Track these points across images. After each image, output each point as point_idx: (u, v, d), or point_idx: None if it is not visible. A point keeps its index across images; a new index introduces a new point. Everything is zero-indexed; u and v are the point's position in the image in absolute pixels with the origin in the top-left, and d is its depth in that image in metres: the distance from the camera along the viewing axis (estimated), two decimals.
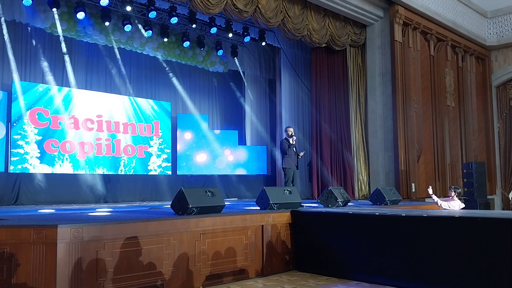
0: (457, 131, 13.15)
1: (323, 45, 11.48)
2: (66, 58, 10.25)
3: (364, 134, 11.74)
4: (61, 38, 9.93)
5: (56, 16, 9.57)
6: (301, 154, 8.73)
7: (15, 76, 9.59)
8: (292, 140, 8.59)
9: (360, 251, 5.12)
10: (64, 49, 10.10)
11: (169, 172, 12.00)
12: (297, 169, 8.75)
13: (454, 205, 7.51)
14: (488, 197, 12.66)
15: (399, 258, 4.78)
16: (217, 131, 13.19)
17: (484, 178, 11.52)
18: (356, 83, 11.89)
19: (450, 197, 7.64)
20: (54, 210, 7.23)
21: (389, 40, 11.37)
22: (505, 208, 14.26)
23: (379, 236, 4.99)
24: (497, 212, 7.40)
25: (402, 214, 4.95)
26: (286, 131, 8.95)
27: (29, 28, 9.77)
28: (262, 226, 5.56)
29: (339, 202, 6.95)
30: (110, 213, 6.00)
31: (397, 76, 11.13)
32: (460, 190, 8.04)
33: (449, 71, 13.02)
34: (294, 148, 8.62)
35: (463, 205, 7.82)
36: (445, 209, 7.39)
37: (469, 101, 13.72)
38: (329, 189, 7.17)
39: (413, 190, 10.99)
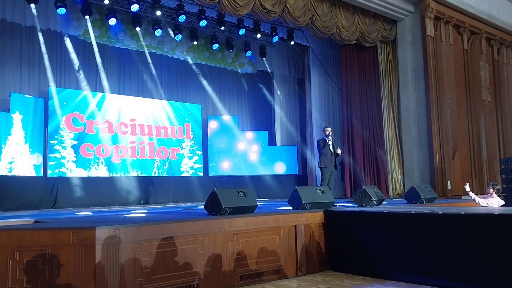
0: (493, 126, 12.74)
1: (353, 42, 11.35)
2: (99, 64, 10.49)
3: (397, 131, 11.54)
4: (94, 44, 10.17)
5: (89, 24, 9.82)
6: (338, 151, 8.63)
7: (51, 83, 9.88)
8: (329, 140, 8.52)
9: (395, 250, 5.03)
10: (97, 55, 10.34)
11: (201, 174, 12.12)
12: (336, 168, 8.67)
13: (493, 202, 7.28)
14: None
15: (435, 257, 4.67)
16: (247, 132, 13.24)
17: None
18: (388, 79, 11.70)
19: (489, 194, 7.41)
20: (91, 213, 7.42)
21: (421, 35, 11.13)
22: None
23: (415, 235, 4.88)
24: None
25: (439, 212, 4.84)
26: (324, 130, 8.89)
27: (63, 36, 10.05)
28: (295, 226, 5.54)
29: (373, 201, 6.85)
30: (145, 215, 6.11)
31: (430, 72, 10.89)
32: (499, 186, 7.79)
33: (484, 64, 12.63)
34: (330, 148, 8.56)
35: (503, 202, 7.56)
36: (483, 206, 7.18)
37: (506, 94, 13.27)
38: (362, 188, 7.07)
39: (449, 187, 10.72)
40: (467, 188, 7.68)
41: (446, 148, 10.88)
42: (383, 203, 7.37)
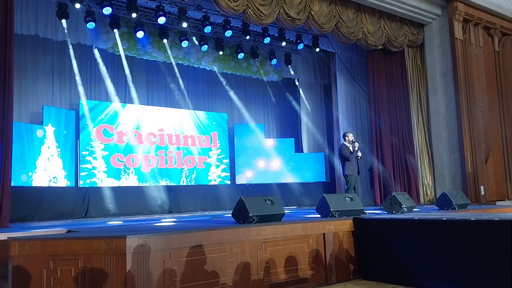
0: None
1: (380, 47, 11.23)
2: (128, 75, 10.71)
3: (427, 136, 11.33)
4: (123, 57, 10.40)
5: (117, 36, 10.05)
6: (359, 154, 8.53)
7: (82, 96, 10.15)
8: (354, 147, 8.40)
9: (427, 258, 4.92)
10: (126, 67, 10.56)
11: (228, 182, 12.18)
12: (359, 174, 8.57)
13: None
14: None
15: (468, 265, 4.54)
16: (274, 140, 13.24)
17: None
18: (416, 84, 11.53)
19: None
20: (121, 222, 7.54)
21: (449, 38, 10.95)
22: None
23: (447, 242, 4.77)
24: None
25: (471, 219, 4.71)
26: (345, 136, 8.75)
27: (93, 49, 10.31)
28: (324, 234, 5.49)
29: (404, 208, 6.73)
30: (174, 223, 6.17)
31: (459, 75, 10.67)
32: None
33: None
34: (356, 154, 8.48)
35: None
36: None
37: None
38: (392, 194, 6.96)
39: (482, 193, 10.44)
40: None
41: (478, 153, 10.61)
42: (413, 210, 7.23)
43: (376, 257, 5.51)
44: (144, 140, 10.91)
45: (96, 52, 10.33)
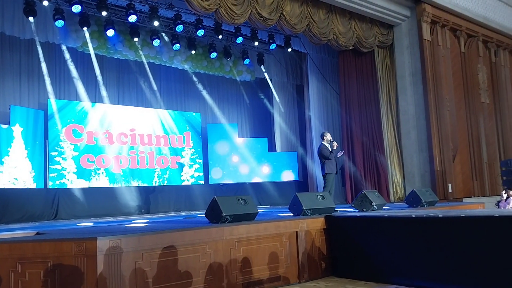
0: (493, 128, 12.76)
1: (350, 48, 11.39)
2: (98, 75, 10.54)
3: (396, 135, 11.57)
4: (93, 56, 10.22)
5: (87, 35, 9.89)
6: (342, 152, 8.68)
7: (51, 95, 9.93)
8: (333, 146, 8.50)
9: (397, 255, 5.03)
10: (96, 66, 10.39)
11: (202, 182, 12.13)
12: (336, 173, 8.67)
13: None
14: None
15: (437, 261, 4.67)
16: (247, 139, 13.26)
17: None
18: (386, 84, 11.75)
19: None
20: (92, 223, 7.43)
21: (418, 39, 11.20)
22: None
23: (417, 239, 4.88)
24: None
25: (440, 216, 4.84)
26: (323, 136, 8.79)
27: (62, 48, 10.10)
28: (296, 232, 5.54)
29: (374, 206, 6.85)
30: (147, 224, 6.11)
31: (428, 75, 10.94)
32: None
33: (482, 67, 12.68)
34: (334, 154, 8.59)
35: None
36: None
37: (505, 96, 13.30)
38: (363, 192, 7.08)
39: (450, 190, 10.72)
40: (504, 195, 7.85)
41: (446, 151, 10.89)
42: (384, 207, 7.37)
43: (347, 254, 5.60)
44: (115, 140, 10.75)
45: (65, 50, 10.12)
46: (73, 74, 10.31)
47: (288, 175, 13.16)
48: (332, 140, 8.59)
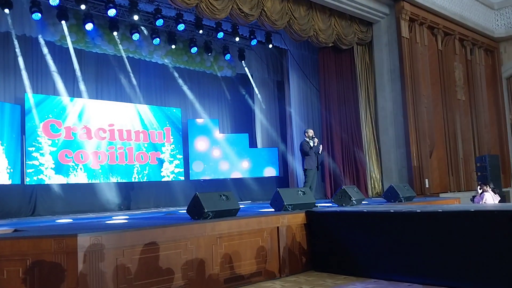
0: (468, 125, 13.06)
1: (330, 45, 11.50)
2: (77, 69, 10.38)
3: (375, 131, 11.73)
4: (71, 49, 10.06)
5: (65, 29, 9.71)
6: (320, 148, 8.81)
7: (28, 89, 9.74)
8: (314, 142, 8.62)
9: (376, 249, 5.13)
10: (74, 61, 10.23)
11: (182, 178, 12.08)
12: (318, 170, 8.79)
13: (488, 198, 7.66)
14: (504, 189, 12.55)
15: (415, 255, 4.78)
16: (228, 135, 13.26)
17: (498, 171, 11.44)
18: (365, 81, 11.89)
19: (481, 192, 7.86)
20: (71, 220, 7.33)
21: (396, 36, 11.36)
22: None
23: (395, 233, 4.99)
24: None
25: (417, 210, 4.95)
26: (306, 132, 8.97)
27: (39, 41, 9.90)
28: (278, 227, 5.59)
29: (353, 201, 6.95)
30: (127, 221, 6.08)
31: (406, 73, 11.11)
32: (492, 183, 8.19)
33: (458, 64, 12.95)
34: (314, 150, 8.69)
35: (498, 198, 7.98)
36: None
37: (480, 94, 13.63)
38: (342, 188, 7.17)
39: (427, 186, 10.95)
40: (485, 188, 8.07)
41: (423, 147, 11.10)
42: (363, 202, 7.49)
43: (327, 249, 5.68)
44: (93, 136, 10.61)
45: (43, 44, 9.92)
46: (51, 68, 10.11)
47: (269, 171, 13.22)
48: (313, 136, 8.71)
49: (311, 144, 8.61)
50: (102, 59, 11.16)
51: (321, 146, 8.97)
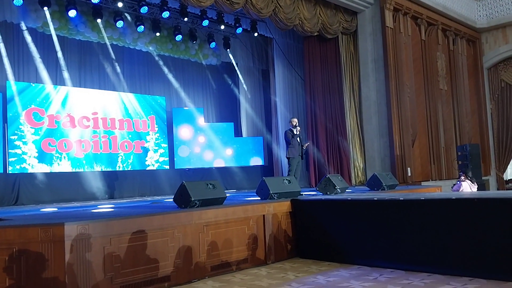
0: (450, 114, 13.28)
1: (315, 34, 11.53)
2: (60, 56, 10.23)
3: (359, 121, 11.85)
4: (54, 36, 9.90)
5: (48, 15, 9.55)
6: (306, 145, 8.88)
7: (10, 77, 9.57)
8: (296, 131, 8.68)
9: (360, 236, 5.24)
10: (57, 48, 10.08)
11: (167, 167, 12.06)
12: (302, 158, 8.86)
13: (465, 187, 7.84)
14: (484, 178, 12.86)
15: (398, 241, 4.90)
16: (213, 124, 13.25)
17: (479, 160, 11.71)
18: (349, 70, 11.97)
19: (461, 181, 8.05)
20: (56, 209, 7.30)
21: (380, 26, 11.44)
22: (500, 188, 14.46)
23: (378, 221, 5.10)
24: (492, 192, 7.57)
25: (400, 198, 5.07)
26: (290, 121, 9.06)
27: (21, 28, 9.72)
28: (264, 215, 5.66)
29: (338, 189, 7.06)
30: (113, 209, 6.08)
31: (389, 62, 11.22)
32: (469, 172, 8.36)
33: (441, 54, 13.12)
34: (298, 138, 8.73)
35: (476, 186, 8.14)
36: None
37: (461, 83, 13.84)
38: (327, 176, 7.27)
39: (409, 174, 11.14)
40: (463, 177, 8.24)
41: (405, 136, 11.27)
42: (346, 191, 7.60)
43: (312, 236, 5.78)
44: (77, 124, 10.51)
45: (25, 31, 9.74)
46: (34, 56, 9.95)
47: (254, 160, 13.28)
48: (296, 125, 8.78)
49: (294, 132, 8.68)
50: (86, 47, 11.02)
51: (307, 143, 9.08)
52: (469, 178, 8.01)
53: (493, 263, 4.19)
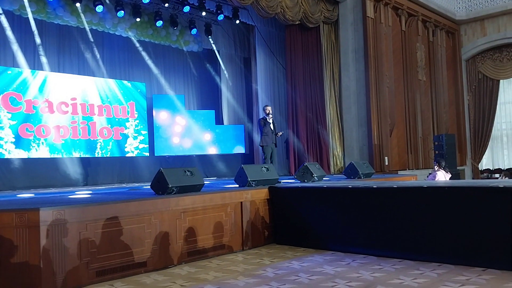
0: (428, 105, 13.51)
1: (297, 23, 11.55)
2: (37, 40, 10.05)
3: (338, 110, 11.97)
4: (31, 20, 9.71)
5: None
6: (280, 133, 8.93)
7: None
8: (269, 118, 8.71)
9: (334, 223, 5.36)
10: (35, 32, 9.89)
11: (147, 154, 12.01)
12: (276, 147, 8.91)
13: (439, 177, 8.01)
14: (459, 168, 13.14)
15: (371, 228, 5.03)
16: (194, 111, 13.21)
17: (454, 150, 11.95)
18: (330, 60, 12.05)
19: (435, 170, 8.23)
20: (33, 194, 7.25)
21: (361, 16, 11.52)
22: (475, 178, 14.82)
23: (353, 208, 5.22)
24: (463, 181, 7.78)
25: (374, 186, 5.18)
26: (264, 109, 9.07)
27: None
28: (241, 202, 5.73)
29: (315, 177, 7.17)
30: (90, 196, 6.07)
31: (370, 52, 11.33)
32: (443, 162, 8.52)
33: (420, 45, 13.28)
34: (271, 126, 8.76)
35: (449, 175, 8.32)
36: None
37: (440, 75, 14.06)
38: (305, 165, 7.37)
39: (386, 163, 11.33)
40: (436, 167, 8.43)
41: (384, 126, 11.44)
42: (324, 178, 7.72)
43: (288, 223, 5.88)
44: (55, 110, 10.37)
45: (1, 13, 9.52)
46: (10, 39, 9.74)
47: (235, 148, 13.31)
48: (269, 113, 8.83)
49: (267, 120, 8.72)
50: (64, 31, 10.84)
51: (281, 132, 9.14)
52: (442, 167, 8.20)
53: (461, 249, 4.34)
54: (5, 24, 9.60)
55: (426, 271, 4.15)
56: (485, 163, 15.56)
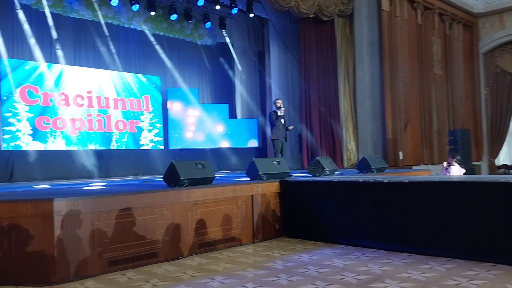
0: (444, 99, 13.33)
1: (311, 16, 11.49)
2: (54, 34, 10.20)
3: (352, 104, 11.90)
4: (48, 14, 9.86)
5: None
6: (290, 127, 8.94)
7: (3, 54, 9.56)
8: (280, 112, 8.72)
9: (345, 217, 5.36)
10: (51, 25, 10.03)
11: (161, 147, 12.14)
12: (286, 140, 8.93)
13: (453, 171, 7.96)
14: (475, 163, 12.98)
15: (382, 222, 5.02)
16: (208, 105, 13.28)
17: (469, 145, 11.79)
18: (344, 53, 11.97)
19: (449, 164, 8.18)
20: (49, 186, 7.40)
21: (377, 9, 11.39)
22: (492, 173, 14.61)
23: (363, 202, 5.21)
24: (476, 176, 7.71)
25: (384, 181, 5.17)
26: (274, 103, 9.10)
27: (15, 6, 9.66)
28: (252, 195, 5.77)
29: (326, 171, 7.17)
30: (104, 187, 6.18)
31: (384, 46, 11.21)
32: (459, 156, 8.47)
33: (436, 39, 13.09)
34: (282, 120, 8.76)
35: (464, 170, 8.27)
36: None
37: (456, 69, 13.85)
38: (316, 159, 7.37)
39: (401, 158, 11.24)
40: (448, 162, 8.38)
41: (398, 120, 11.34)
42: (336, 173, 7.71)
43: (299, 216, 5.90)
44: (71, 102, 10.55)
45: (18, 7, 9.68)
46: (27, 33, 9.91)
47: (249, 142, 13.35)
48: (281, 106, 8.84)
49: (278, 114, 8.73)
50: (80, 25, 10.99)
51: (292, 126, 9.15)
52: (457, 162, 8.13)
53: (471, 244, 4.31)
54: (23, 18, 9.78)
55: (435, 266, 4.14)
56: (502, 158, 15.32)
